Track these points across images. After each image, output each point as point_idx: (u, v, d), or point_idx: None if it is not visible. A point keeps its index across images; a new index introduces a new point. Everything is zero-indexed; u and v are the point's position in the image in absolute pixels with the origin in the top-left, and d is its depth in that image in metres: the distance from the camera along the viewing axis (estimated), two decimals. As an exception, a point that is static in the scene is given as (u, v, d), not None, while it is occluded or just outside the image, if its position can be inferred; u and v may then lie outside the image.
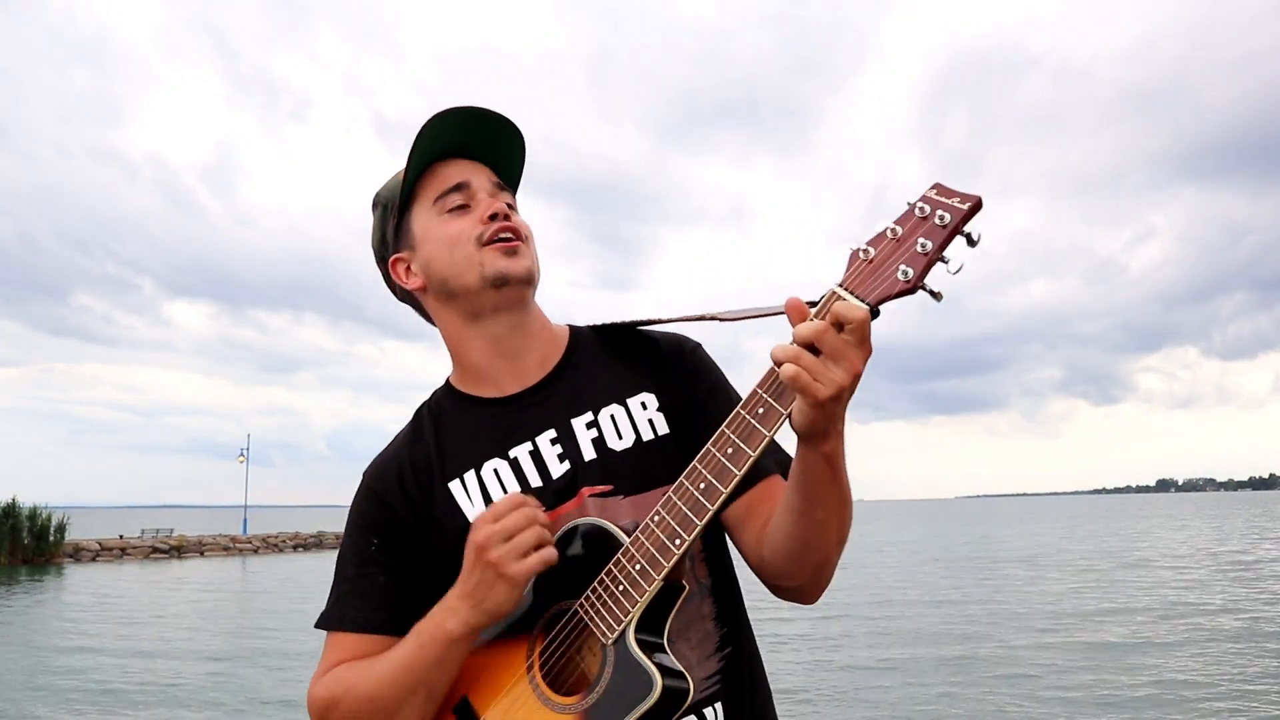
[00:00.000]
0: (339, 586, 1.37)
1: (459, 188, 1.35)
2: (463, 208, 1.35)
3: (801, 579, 1.26)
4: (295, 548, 47.30)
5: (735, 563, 1.41)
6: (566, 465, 1.33)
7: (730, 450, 1.13)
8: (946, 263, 1.05)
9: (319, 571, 31.35)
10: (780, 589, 1.31)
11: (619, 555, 1.18)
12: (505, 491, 1.33)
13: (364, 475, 1.42)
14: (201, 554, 42.79)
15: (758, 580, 1.35)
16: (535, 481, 1.32)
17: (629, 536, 1.19)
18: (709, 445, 1.15)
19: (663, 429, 1.36)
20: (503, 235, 1.33)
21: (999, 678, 10.74)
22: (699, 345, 1.46)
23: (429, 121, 1.30)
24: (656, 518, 1.16)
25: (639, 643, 1.15)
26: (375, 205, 1.44)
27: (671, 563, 1.14)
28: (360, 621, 1.33)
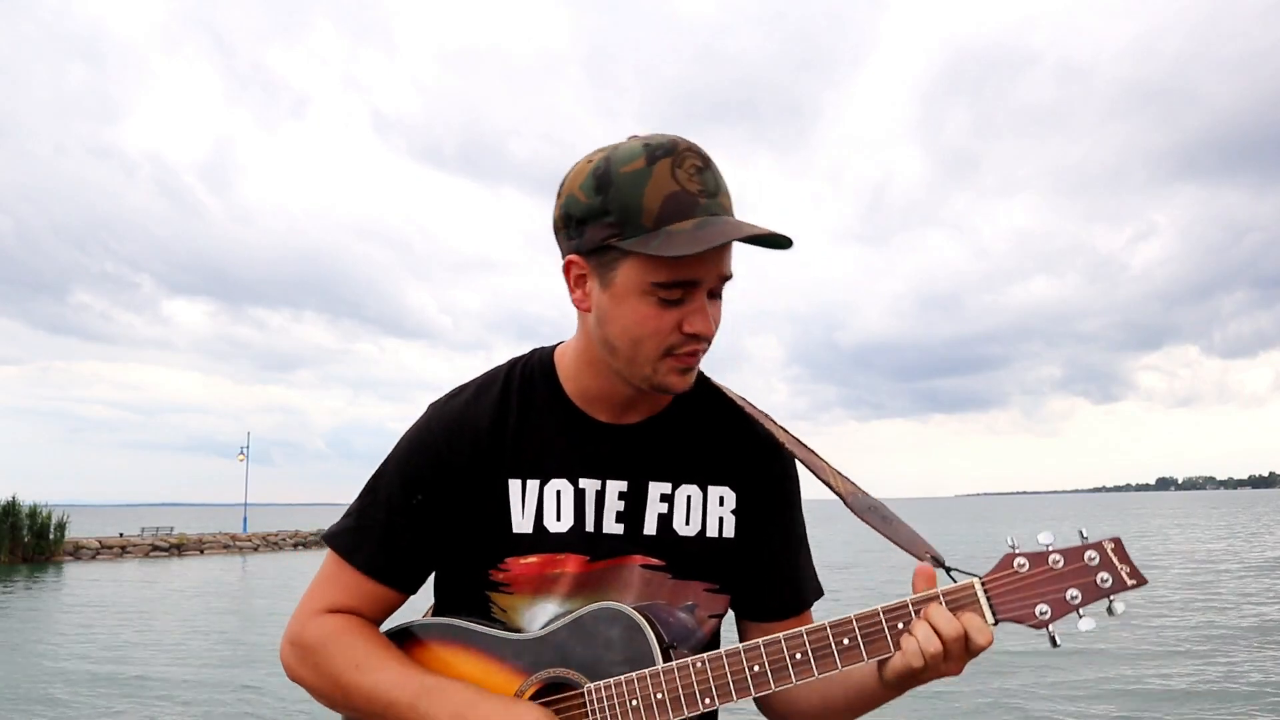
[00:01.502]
0: (363, 515, 1.35)
1: (686, 285, 1.17)
2: (677, 301, 1.18)
3: None
4: (295, 546, 47.30)
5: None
6: (621, 529, 1.31)
7: (799, 656, 1.16)
8: (1081, 616, 1.11)
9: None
10: (763, 709, 1.39)
11: (648, 674, 1.20)
12: (558, 520, 1.30)
13: (438, 419, 1.34)
14: (201, 552, 42.80)
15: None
16: (588, 526, 1.30)
17: (663, 655, 1.22)
18: (781, 637, 1.17)
19: (729, 532, 1.35)
20: (689, 356, 1.22)
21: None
22: (794, 460, 1.39)
23: (712, 246, 1.11)
24: (699, 664, 1.18)
25: None
26: (600, 189, 1.17)
27: (691, 714, 1.18)
28: (371, 567, 1.33)
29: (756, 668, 1.16)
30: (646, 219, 1.14)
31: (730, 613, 1.40)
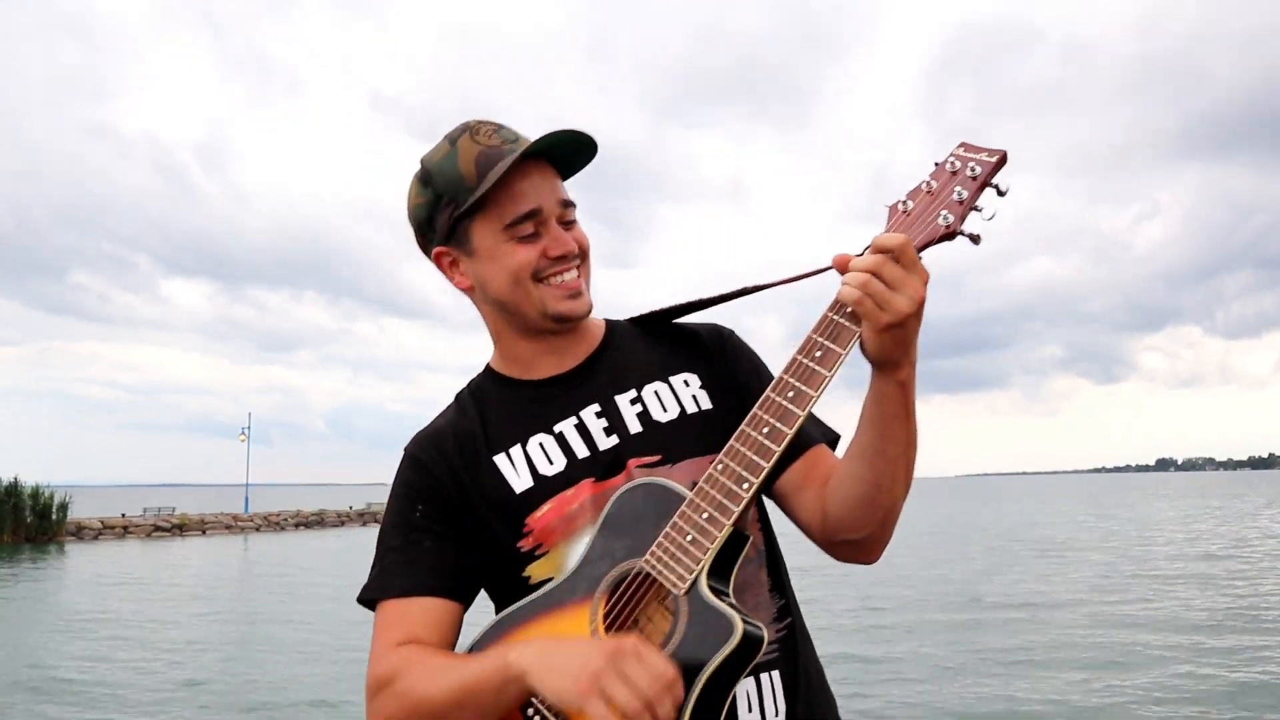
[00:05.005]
0: (383, 558, 1.35)
1: (532, 214, 1.31)
2: (532, 235, 1.32)
3: (871, 527, 1.27)
4: (297, 526, 47.52)
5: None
6: (614, 439, 1.35)
7: (791, 394, 1.16)
8: (980, 210, 1.16)
9: (321, 552, 31.49)
10: (847, 544, 1.32)
11: (683, 507, 1.17)
12: (551, 463, 1.34)
13: (407, 448, 1.42)
14: (204, 532, 43.00)
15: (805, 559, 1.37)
16: (582, 453, 1.34)
17: (690, 490, 1.19)
18: (768, 391, 1.18)
19: (706, 405, 1.39)
20: (566, 277, 1.34)
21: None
22: (734, 331, 1.50)
23: (524, 150, 1.28)
24: (720, 466, 1.17)
25: (712, 589, 1.14)
26: (426, 183, 1.36)
27: (740, 506, 1.14)
28: (406, 586, 1.31)
29: (766, 429, 1.16)
30: (470, 181, 1.30)
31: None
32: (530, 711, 1.18)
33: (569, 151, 1.36)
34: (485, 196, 1.30)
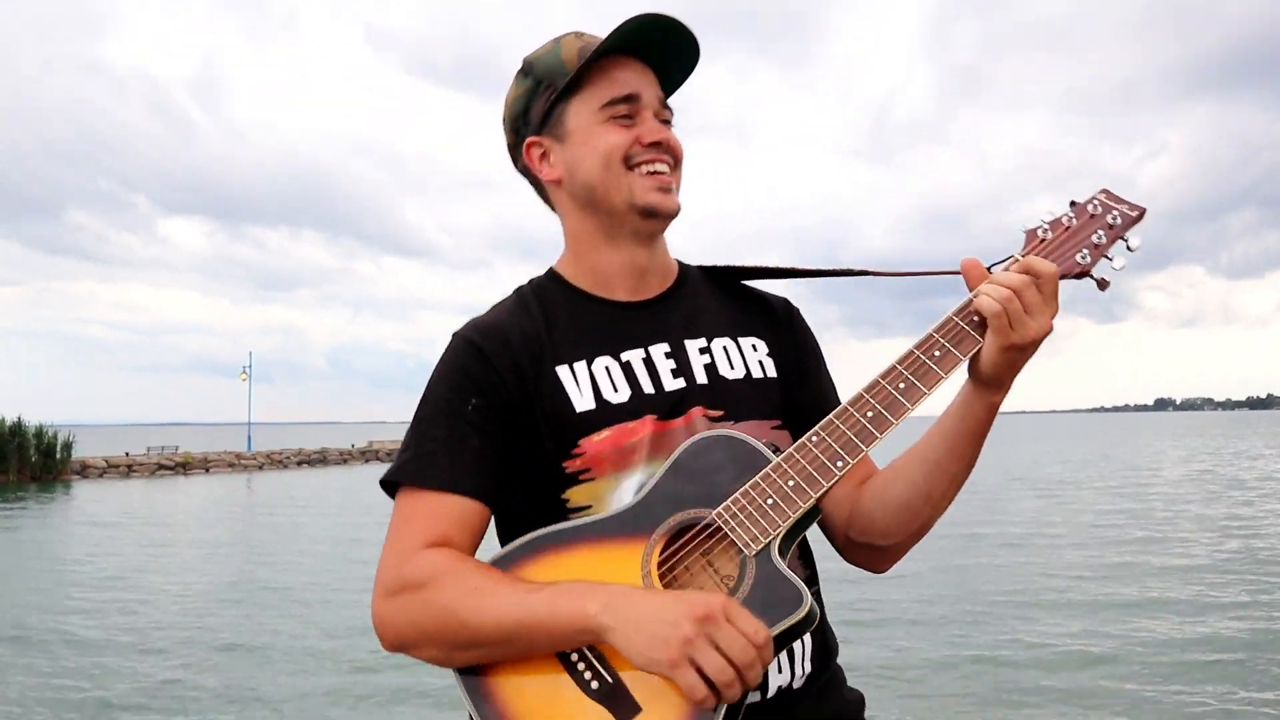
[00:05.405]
0: (421, 444, 1.24)
1: (629, 99, 1.31)
2: (627, 118, 1.31)
3: (901, 536, 1.30)
4: (300, 464, 47.90)
5: None
6: (681, 382, 1.31)
7: (903, 385, 1.17)
8: (1110, 259, 1.22)
9: (324, 489, 31.74)
10: (867, 548, 1.34)
11: (769, 470, 1.17)
12: (615, 390, 1.29)
13: (462, 334, 1.32)
14: (207, 470, 43.38)
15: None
16: (648, 389, 1.30)
17: (775, 453, 1.19)
18: (878, 378, 1.19)
19: (771, 373, 1.38)
20: (659, 168, 1.31)
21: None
22: (798, 309, 1.50)
23: (622, 24, 1.27)
24: (815, 438, 1.18)
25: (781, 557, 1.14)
26: (526, 74, 1.37)
27: (831, 482, 1.15)
28: (445, 480, 1.21)
29: (870, 414, 1.17)
30: (570, 67, 1.31)
31: None
32: (575, 658, 1.12)
33: (671, 59, 1.35)
34: (583, 78, 1.30)
